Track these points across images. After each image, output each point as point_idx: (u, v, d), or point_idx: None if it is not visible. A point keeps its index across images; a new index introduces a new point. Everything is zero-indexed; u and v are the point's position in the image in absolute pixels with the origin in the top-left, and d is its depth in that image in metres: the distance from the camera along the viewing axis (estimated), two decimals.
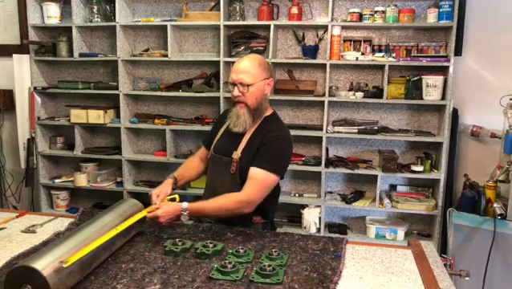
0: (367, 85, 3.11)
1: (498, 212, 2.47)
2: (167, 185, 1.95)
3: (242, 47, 3.14)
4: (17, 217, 1.94)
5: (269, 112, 2.02)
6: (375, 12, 2.91)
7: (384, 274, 1.45)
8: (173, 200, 1.86)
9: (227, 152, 1.96)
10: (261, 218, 1.97)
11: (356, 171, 3.02)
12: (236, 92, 1.89)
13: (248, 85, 1.87)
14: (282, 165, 1.93)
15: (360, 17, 2.95)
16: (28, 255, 1.43)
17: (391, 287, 1.36)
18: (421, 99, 2.91)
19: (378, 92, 2.97)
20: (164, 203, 1.79)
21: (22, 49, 3.46)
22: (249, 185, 1.82)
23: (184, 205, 1.74)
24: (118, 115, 3.32)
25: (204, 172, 2.18)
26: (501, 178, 2.60)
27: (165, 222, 1.71)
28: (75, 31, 3.25)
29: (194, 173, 2.16)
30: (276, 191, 2.00)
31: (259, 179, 1.83)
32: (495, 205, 2.50)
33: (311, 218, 3.06)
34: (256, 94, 1.90)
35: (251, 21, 3.15)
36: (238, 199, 1.80)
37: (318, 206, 3.09)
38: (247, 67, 1.89)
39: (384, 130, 3.03)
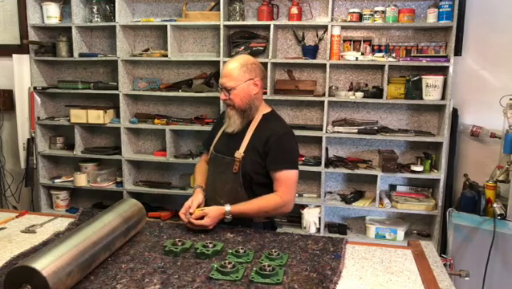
0: (366, 85, 3.11)
1: (498, 212, 2.47)
2: (198, 194, 1.99)
3: (242, 47, 3.14)
4: (17, 217, 1.94)
5: (267, 110, 2.05)
6: (375, 12, 2.91)
7: (384, 274, 1.45)
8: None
9: (229, 152, 1.98)
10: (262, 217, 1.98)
11: (356, 171, 3.02)
12: (222, 96, 1.98)
13: (230, 89, 1.93)
14: (296, 159, 2.02)
15: (360, 17, 2.95)
16: (28, 255, 1.43)
17: (391, 287, 1.36)
18: (421, 99, 2.91)
19: (378, 92, 2.97)
20: (206, 212, 1.79)
21: (21, 49, 3.46)
22: (280, 187, 1.92)
23: (228, 208, 1.82)
24: (118, 115, 3.32)
25: None
26: (501, 178, 2.60)
27: (211, 226, 1.77)
28: (74, 31, 3.25)
29: None
30: None
31: (286, 179, 1.92)
32: (495, 205, 2.50)
33: (311, 218, 3.06)
34: (240, 96, 1.94)
35: (251, 21, 3.15)
36: (275, 201, 1.90)
37: (318, 206, 3.09)
38: (229, 71, 1.94)
39: (384, 130, 3.03)
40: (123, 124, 3.29)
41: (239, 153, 1.94)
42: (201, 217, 1.77)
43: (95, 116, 3.28)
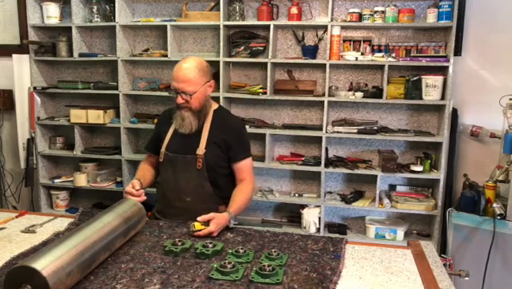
0: (366, 85, 3.11)
1: (498, 212, 2.47)
2: (135, 184, 1.98)
3: (242, 47, 3.14)
4: (16, 217, 1.94)
5: (215, 106, 2.16)
6: (375, 12, 2.91)
7: (384, 274, 1.45)
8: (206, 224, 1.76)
9: (188, 151, 2.03)
10: (225, 207, 1.99)
11: (356, 171, 3.02)
12: (180, 100, 2.00)
13: (191, 93, 1.97)
14: (250, 146, 2.19)
15: (360, 17, 2.95)
16: (28, 255, 1.43)
17: (390, 287, 1.36)
18: (421, 99, 2.91)
19: (377, 92, 2.97)
20: (214, 216, 1.75)
21: (21, 49, 3.46)
22: (246, 175, 2.08)
23: (231, 214, 1.83)
24: (118, 115, 3.32)
25: (155, 177, 2.23)
26: (500, 178, 2.60)
27: (215, 233, 1.74)
28: (74, 31, 3.25)
29: (152, 176, 2.21)
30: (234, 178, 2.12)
31: (248, 167, 2.11)
32: (495, 205, 2.50)
33: (311, 218, 3.06)
34: (199, 98, 2.01)
35: (251, 21, 3.16)
36: (250, 188, 2.07)
37: (318, 206, 3.09)
38: (187, 75, 1.97)
39: (384, 130, 3.03)
40: (123, 124, 3.29)
41: (201, 150, 2.01)
42: (206, 224, 1.74)
43: (95, 116, 3.28)
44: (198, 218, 1.76)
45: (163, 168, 2.13)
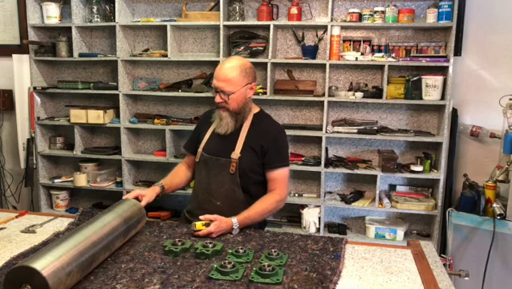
0: (366, 85, 3.11)
1: (498, 212, 2.48)
2: (151, 192, 1.95)
3: (242, 47, 3.14)
4: (16, 217, 1.95)
5: (257, 109, 2.10)
6: (375, 12, 2.91)
7: (384, 274, 1.45)
8: (208, 225, 1.76)
9: (223, 153, 1.99)
10: None
11: (356, 171, 3.02)
12: (218, 99, 1.96)
13: (229, 94, 1.93)
14: (288, 156, 2.11)
15: (360, 17, 2.95)
16: (28, 255, 1.44)
17: (390, 287, 1.36)
18: (421, 99, 2.91)
19: (377, 92, 2.97)
20: (217, 218, 1.75)
21: (21, 49, 3.46)
22: (277, 185, 1.99)
23: (235, 220, 1.78)
24: (118, 115, 3.32)
25: (192, 178, 2.20)
26: (500, 178, 2.60)
27: (214, 235, 1.72)
28: (74, 31, 3.25)
29: (183, 180, 2.19)
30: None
31: (282, 177, 2.01)
32: (494, 205, 2.51)
33: (311, 218, 3.06)
34: (237, 100, 1.96)
35: (251, 21, 3.16)
36: (275, 199, 1.97)
37: (318, 206, 3.10)
38: (228, 75, 1.93)
39: (384, 130, 3.03)
40: (123, 124, 3.29)
41: (235, 154, 1.96)
42: (207, 224, 1.73)
43: (95, 116, 3.28)
44: (201, 217, 1.76)
45: (197, 169, 2.11)
